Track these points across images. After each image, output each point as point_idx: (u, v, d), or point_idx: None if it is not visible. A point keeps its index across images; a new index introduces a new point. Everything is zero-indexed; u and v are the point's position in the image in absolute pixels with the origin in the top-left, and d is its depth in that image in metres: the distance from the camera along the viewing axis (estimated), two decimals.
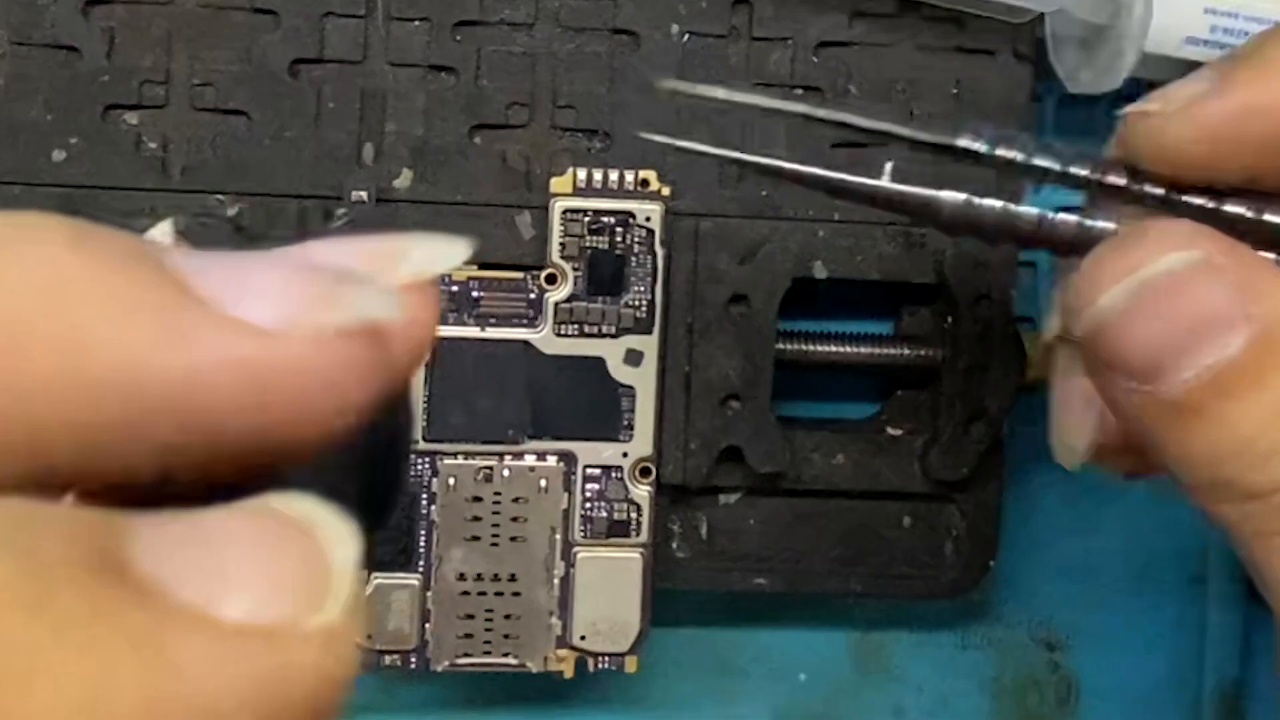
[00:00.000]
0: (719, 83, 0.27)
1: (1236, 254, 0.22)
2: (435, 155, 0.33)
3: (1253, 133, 0.23)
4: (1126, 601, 0.38)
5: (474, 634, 0.33)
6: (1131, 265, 0.22)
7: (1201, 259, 0.22)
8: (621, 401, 0.33)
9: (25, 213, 0.14)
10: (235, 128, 0.32)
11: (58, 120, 0.31)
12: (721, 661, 0.38)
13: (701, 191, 0.33)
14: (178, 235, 0.26)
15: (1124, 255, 0.22)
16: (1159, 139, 0.23)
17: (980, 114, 0.33)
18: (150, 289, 0.13)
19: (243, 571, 0.13)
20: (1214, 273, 0.22)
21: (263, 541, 0.13)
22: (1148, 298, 0.22)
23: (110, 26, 0.31)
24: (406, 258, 0.15)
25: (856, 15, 0.33)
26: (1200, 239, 0.22)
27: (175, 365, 0.13)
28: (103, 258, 0.13)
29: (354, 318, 0.14)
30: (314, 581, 0.13)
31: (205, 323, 0.13)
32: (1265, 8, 0.31)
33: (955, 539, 0.35)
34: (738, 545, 0.35)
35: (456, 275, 0.32)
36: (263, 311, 0.14)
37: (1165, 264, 0.22)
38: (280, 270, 0.14)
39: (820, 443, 0.34)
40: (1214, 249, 0.22)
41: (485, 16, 0.33)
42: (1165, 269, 0.22)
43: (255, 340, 0.14)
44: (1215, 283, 0.22)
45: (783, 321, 0.34)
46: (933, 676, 0.38)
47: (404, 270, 0.15)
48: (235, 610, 0.12)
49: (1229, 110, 0.23)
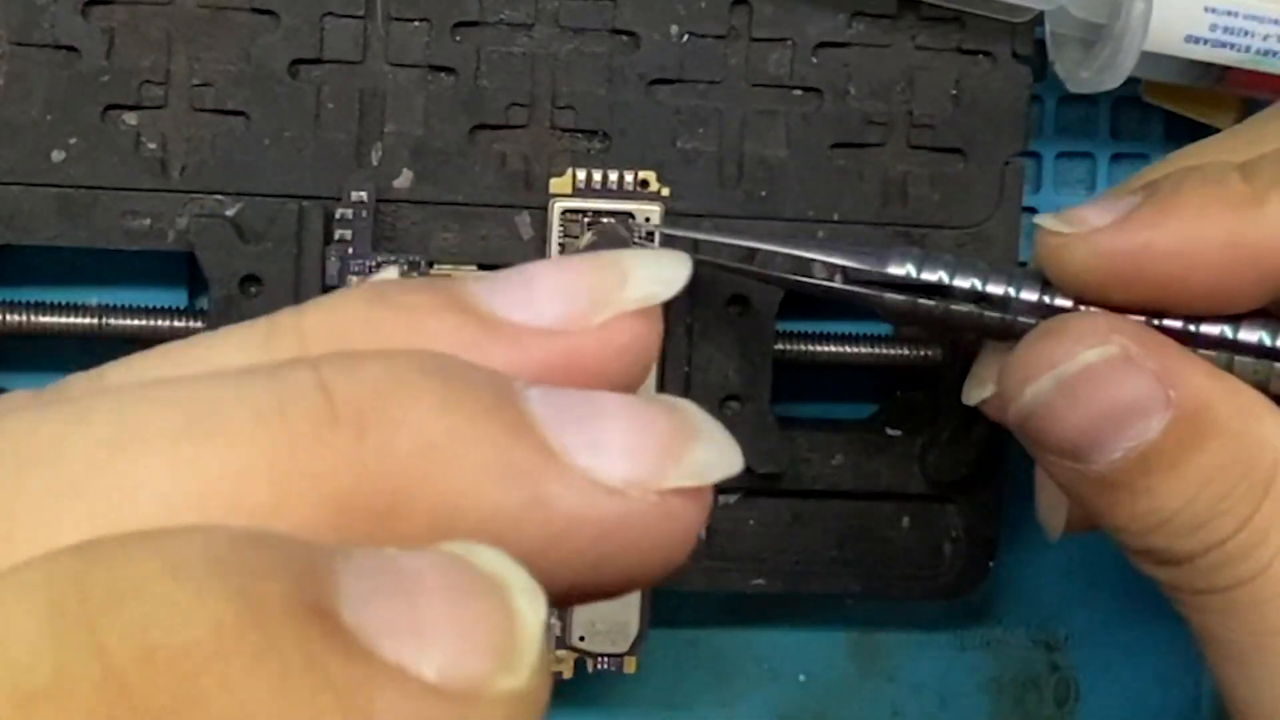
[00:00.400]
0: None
1: (1152, 342, 0.24)
2: (435, 155, 0.33)
3: (1151, 273, 0.24)
4: (1126, 602, 0.38)
5: None
6: (1051, 360, 0.24)
7: (1118, 353, 0.23)
8: None
9: (399, 359, 0.14)
10: (235, 128, 0.32)
11: (57, 120, 0.31)
12: (721, 662, 0.38)
13: (701, 192, 0.33)
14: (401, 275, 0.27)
15: (1044, 351, 0.24)
16: (1063, 262, 0.25)
17: (980, 114, 0.34)
18: (515, 450, 0.14)
19: (439, 627, 0.13)
20: (1130, 364, 0.23)
21: (457, 595, 0.13)
22: (1068, 391, 0.23)
23: (110, 26, 0.31)
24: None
25: (856, 15, 0.33)
26: (1116, 332, 0.24)
27: (536, 527, 0.14)
28: (470, 418, 0.14)
29: (694, 479, 0.15)
30: (506, 641, 0.13)
31: (565, 486, 0.14)
32: (1265, 6, 0.31)
33: (954, 539, 0.35)
34: (737, 546, 0.35)
35: (456, 276, 0.32)
36: (614, 469, 0.14)
37: (1083, 359, 0.23)
38: (631, 421, 0.15)
39: (819, 443, 0.34)
40: (1130, 340, 0.23)
41: (485, 17, 0.33)
42: (1083, 364, 0.23)
43: (607, 501, 0.14)
44: (1132, 373, 0.23)
45: (782, 322, 0.34)
46: (932, 677, 0.38)
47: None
48: (431, 669, 0.12)
49: (1128, 248, 0.24)
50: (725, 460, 0.15)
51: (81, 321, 0.32)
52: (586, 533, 0.14)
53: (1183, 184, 0.24)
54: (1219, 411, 0.23)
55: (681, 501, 0.15)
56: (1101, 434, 0.23)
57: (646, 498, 0.14)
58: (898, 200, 0.34)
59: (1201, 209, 0.24)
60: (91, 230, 0.32)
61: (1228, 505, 0.23)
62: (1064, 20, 0.32)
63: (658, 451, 0.14)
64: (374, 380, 0.14)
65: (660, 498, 0.14)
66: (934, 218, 0.34)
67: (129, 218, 0.32)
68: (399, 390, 0.14)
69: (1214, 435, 0.23)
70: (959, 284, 0.27)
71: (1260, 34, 0.31)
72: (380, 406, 0.14)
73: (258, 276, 0.31)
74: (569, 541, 0.14)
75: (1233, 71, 0.32)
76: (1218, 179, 0.24)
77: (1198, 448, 0.23)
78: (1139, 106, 0.36)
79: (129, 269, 0.33)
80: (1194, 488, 0.23)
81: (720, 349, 0.33)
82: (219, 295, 0.31)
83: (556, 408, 0.14)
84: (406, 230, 0.32)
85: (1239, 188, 0.24)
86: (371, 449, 0.13)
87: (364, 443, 0.13)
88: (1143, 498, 0.23)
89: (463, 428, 0.14)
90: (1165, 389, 0.23)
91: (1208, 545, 0.23)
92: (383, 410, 0.14)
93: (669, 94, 0.33)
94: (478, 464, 0.14)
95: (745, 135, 0.33)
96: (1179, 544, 0.23)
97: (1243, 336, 0.25)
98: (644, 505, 0.14)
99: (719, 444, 0.15)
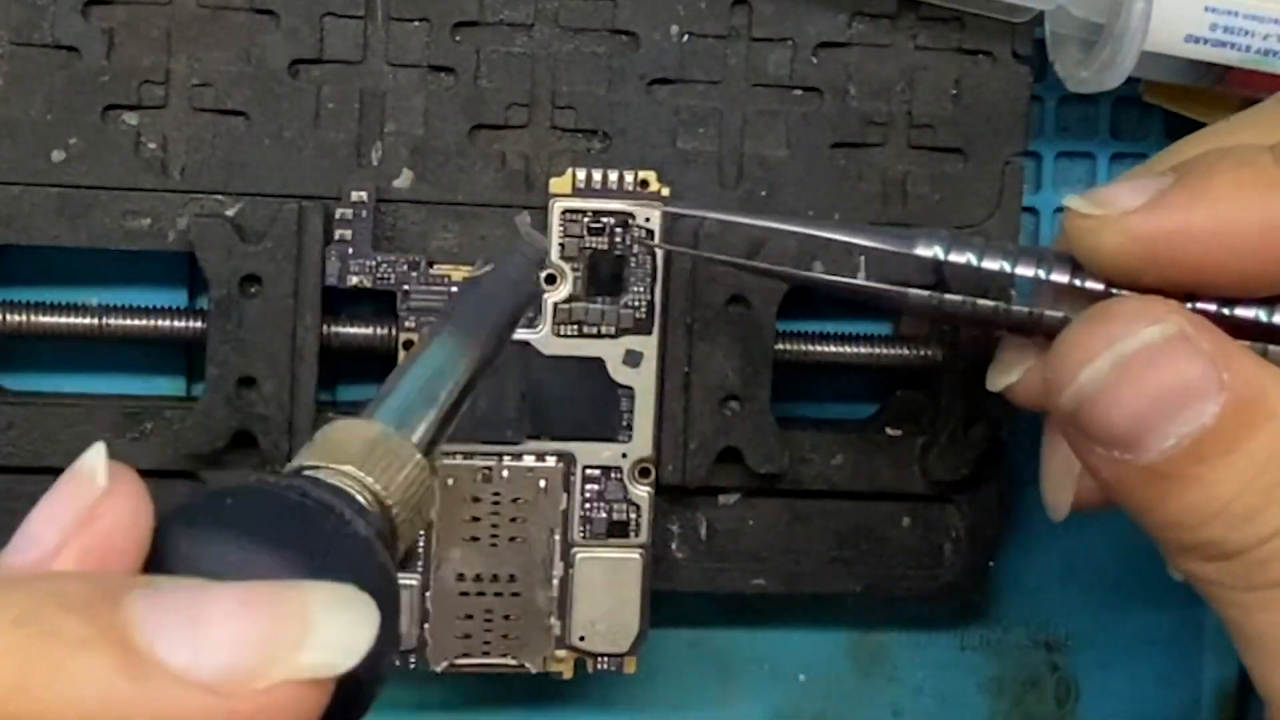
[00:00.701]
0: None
1: (1203, 324, 0.23)
2: (435, 155, 0.33)
3: (1185, 255, 0.23)
4: (1126, 602, 0.38)
5: (473, 634, 0.33)
6: (1110, 339, 0.23)
7: (1176, 331, 0.23)
8: (621, 402, 0.33)
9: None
10: (235, 128, 0.32)
11: (57, 120, 0.31)
12: (721, 662, 0.38)
13: (701, 192, 0.33)
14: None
15: (1101, 330, 0.23)
16: (1094, 244, 0.24)
17: (980, 114, 0.34)
18: (103, 669, 0.15)
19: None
20: (1189, 344, 0.23)
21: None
22: (1129, 370, 0.23)
23: (110, 26, 0.31)
24: (307, 640, 0.15)
25: (856, 15, 0.33)
26: (1173, 312, 0.23)
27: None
28: (56, 637, 0.15)
29: (294, 674, 0.15)
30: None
31: (156, 692, 0.14)
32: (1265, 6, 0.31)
33: (954, 539, 0.35)
34: (737, 546, 0.35)
35: (456, 276, 0.32)
36: (215, 664, 0.14)
37: (1144, 337, 0.23)
38: (231, 618, 0.15)
39: (819, 443, 0.34)
40: (1185, 320, 0.23)
41: (485, 17, 0.33)
42: (1144, 342, 0.23)
43: (197, 700, 0.15)
44: (1191, 354, 0.23)
45: (782, 322, 0.34)
46: (932, 677, 0.38)
47: (303, 661, 0.15)
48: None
49: (1162, 230, 0.24)
50: (325, 661, 0.15)
51: (81, 321, 0.32)
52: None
53: (1216, 166, 0.24)
54: (1271, 396, 0.23)
55: (285, 692, 0.15)
56: (1156, 419, 0.23)
57: (246, 694, 0.15)
58: (898, 200, 0.34)
59: (1236, 190, 0.23)
60: (91, 230, 0.32)
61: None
62: (1064, 20, 0.32)
63: (258, 648, 0.15)
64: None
65: (262, 692, 0.15)
66: (934, 218, 0.34)
67: (129, 218, 0.32)
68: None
69: (1268, 419, 0.22)
70: (988, 266, 0.26)
71: (1260, 34, 0.31)
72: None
73: (258, 276, 0.31)
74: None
75: (1233, 71, 0.32)
76: (1251, 160, 0.24)
77: (1252, 434, 0.22)
78: (1139, 106, 0.36)
79: (129, 269, 0.33)
80: (1248, 475, 0.22)
81: (720, 349, 0.33)
82: (219, 295, 0.31)
83: (155, 605, 0.15)
84: (406, 230, 0.33)
85: (1273, 170, 0.23)
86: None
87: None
88: (1195, 487, 0.23)
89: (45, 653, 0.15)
90: (1219, 371, 0.22)
91: (1262, 536, 0.22)
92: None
93: (669, 94, 0.33)
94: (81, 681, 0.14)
95: (745, 135, 0.33)
96: (1231, 535, 0.23)
97: (1277, 320, 0.24)
98: (244, 703, 0.15)
99: (320, 644, 0.15)
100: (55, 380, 0.34)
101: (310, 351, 0.32)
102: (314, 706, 0.15)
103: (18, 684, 0.15)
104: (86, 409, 0.32)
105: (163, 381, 0.35)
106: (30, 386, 0.34)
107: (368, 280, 0.32)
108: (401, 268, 0.32)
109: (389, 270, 0.32)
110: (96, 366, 0.34)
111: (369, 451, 0.19)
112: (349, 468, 0.18)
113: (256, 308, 0.31)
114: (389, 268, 0.32)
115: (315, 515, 0.17)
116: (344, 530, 0.17)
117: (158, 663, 0.15)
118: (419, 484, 0.19)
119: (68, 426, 0.32)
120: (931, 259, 0.27)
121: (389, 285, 0.32)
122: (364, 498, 0.18)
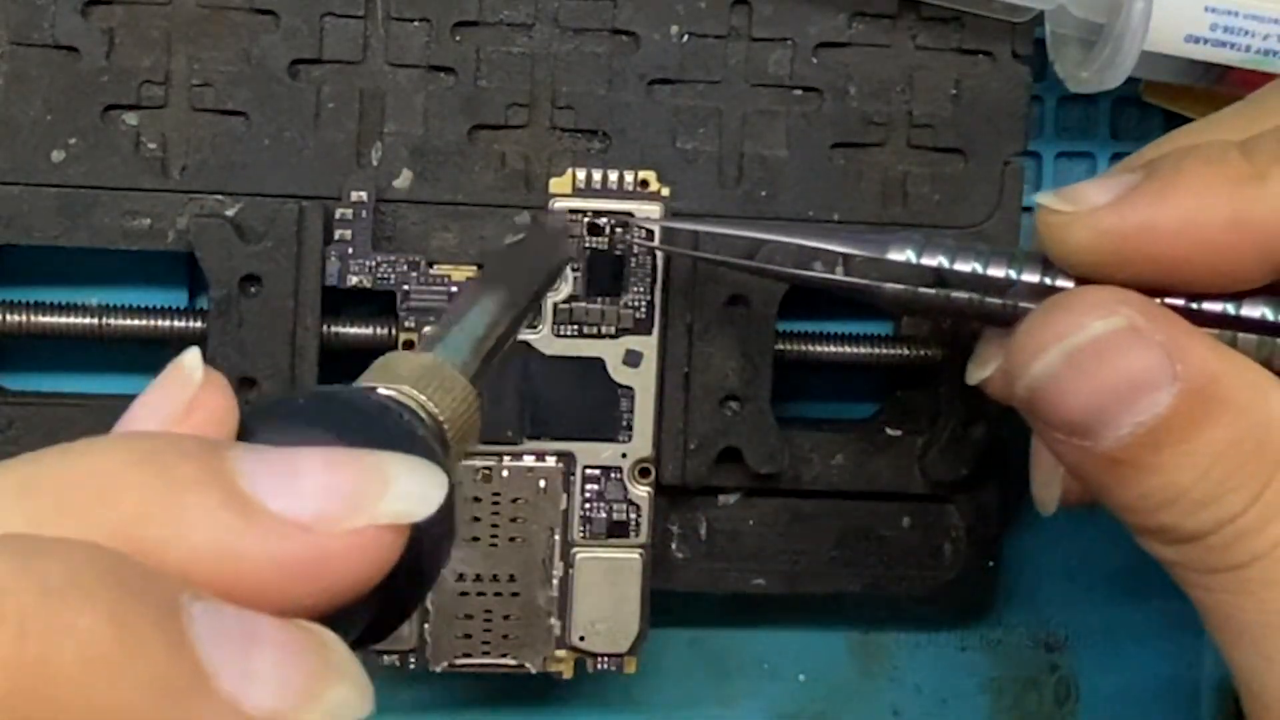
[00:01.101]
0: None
1: (1158, 316, 0.23)
2: (435, 155, 0.33)
3: (1153, 251, 0.24)
4: (1126, 601, 0.38)
5: (473, 634, 0.33)
6: (1060, 333, 0.23)
7: (1125, 324, 0.23)
8: (621, 402, 0.33)
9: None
10: (235, 128, 0.32)
11: (57, 120, 0.31)
12: (721, 662, 0.38)
13: (701, 192, 0.33)
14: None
15: (1052, 324, 0.24)
16: (1063, 240, 0.25)
17: (980, 114, 0.34)
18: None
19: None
20: (1138, 336, 0.23)
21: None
22: (1077, 363, 0.23)
23: (110, 26, 0.31)
24: (387, 492, 0.17)
25: (856, 15, 0.33)
26: (1123, 304, 0.23)
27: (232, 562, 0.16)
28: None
29: (378, 518, 0.16)
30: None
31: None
32: (1265, 6, 0.31)
33: (954, 539, 0.35)
34: (737, 546, 0.35)
35: (456, 276, 0.32)
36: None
37: (1091, 331, 0.23)
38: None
39: (819, 443, 0.34)
40: (1136, 313, 0.23)
41: (485, 17, 0.33)
42: (1091, 336, 0.23)
43: (295, 537, 0.16)
44: (1141, 346, 0.23)
45: (782, 322, 0.34)
46: (932, 677, 0.38)
47: (384, 509, 0.17)
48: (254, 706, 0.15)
49: (1129, 227, 0.24)
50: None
51: (81, 321, 0.32)
52: (284, 566, 0.16)
53: (1184, 162, 0.24)
54: (1227, 386, 0.23)
55: (366, 536, 0.17)
56: (1109, 409, 0.23)
57: (331, 534, 0.16)
58: (898, 200, 0.34)
59: (1203, 187, 0.23)
60: (91, 230, 0.32)
61: (1238, 481, 0.23)
62: (1064, 20, 0.32)
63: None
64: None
65: (346, 533, 0.16)
66: (934, 218, 0.34)
67: (129, 218, 0.32)
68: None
69: (1223, 410, 0.23)
70: (960, 268, 0.27)
71: (1260, 34, 0.31)
72: (48, 608, 0.14)
73: (258, 276, 0.31)
74: (272, 573, 0.16)
75: (1233, 71, 0.32)
76: (1219, 157, 0.24)
77: (1207, 423, 0.23)
78: (1139, 106, 0.36)
79: (129, 269, 0.33)
80: (1204, 463, 0.23)
81: (720, 349, 0.33)
82: (219, 295, 0.31)
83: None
84: (406, 230, 0.33)
85: (1240, 166, 0.23)
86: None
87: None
88: (1151, 474, 0.23)
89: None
90: (1173, 362, 0.23)
91: (1219, 522, 0.23)
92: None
93: (669, 94, 0.33)
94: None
95: (745, 135, 0.33)
96: (1189, 521, 0.23)
97: (1245, 313, 0.24)
98: (330, 541, 0.16)
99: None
100: (55, 380, 0.34)
101: (310, 351, 0.32)
102: (393, 549, 0.17)
103: (141, 514, 0.16)
104: (86, 409, 0.32)
105: None
106: (30, 386, 0.34)
107: (367, 280, 0.32)
108: (401, 268, 0.32)
109: (389, 270, 0.32)
110: (96, 366, 0.34)
111: (422, 374, 0.20)
112: (405, 386, 0.20)
113: (256, 308, 0.31)
114: (389, 268, 0.32)
115: (379, 413, 0.19)
116: (405, 428, 0.19)
117: (261, 505, 0.16)
118: (468, 407, 0.20)
119: (68, 426, 0.32)
120: (904, 262, 0.27)
121: (389, 285, 0.32)
122: (421, 412, 0.20)
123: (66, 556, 0.15)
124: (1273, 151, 0.23)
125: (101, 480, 0.16)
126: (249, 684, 0.15)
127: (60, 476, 0.16)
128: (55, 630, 0.14)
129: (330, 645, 0.16)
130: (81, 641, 0.14)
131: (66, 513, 0.16)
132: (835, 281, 0.29)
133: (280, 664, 0.16)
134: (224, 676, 0.15)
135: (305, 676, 0.16)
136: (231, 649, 0.15)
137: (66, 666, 0.14)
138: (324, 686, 0.16)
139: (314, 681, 0.16)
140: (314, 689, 0.16)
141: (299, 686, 0.16)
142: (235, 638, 0.15)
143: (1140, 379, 0.23)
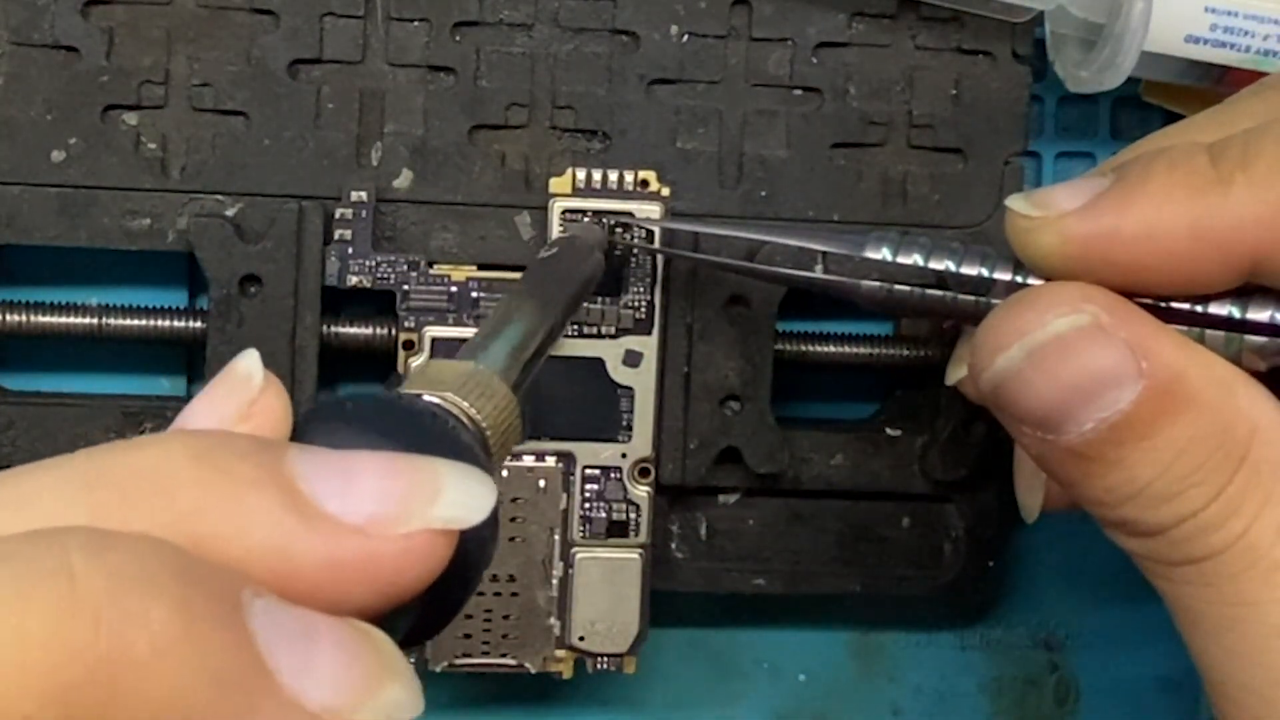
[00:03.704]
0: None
1: (1124, 312, 0.23)
2: (435, 155, 0.33)
3: (1117, 257, 0.24)
4: (1126, 601, 0.38)
5: (473, 634, 0.33)
6: (1020, 329, 0.24)
7: (1088, 322, 0.23)
8: (620, 402, 0.33)
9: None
10: (235, 128, 0.32)
11: (57, 120, 0.31)
12: (721, 662, 0.38)
13: (701, 192, 0.33)
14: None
15: (1014, 319, 0.24)
16: (1031, 244, 0.25)
17: (980, 114, 0.34)
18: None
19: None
20: (1102, 333, 0.23)
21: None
22: (1038, 360, 0.23)
23: (110, 26, 0.31)
24: (439, 498, 0.17)
25: (856, 15, 0.33)
26: (1088, 301, 0.23)
27: (287, 563, 0.16)
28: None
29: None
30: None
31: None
32: (1265, 6, 0.31)
33: (954, 539, 0.35)
34: (737, 546, 0.35)
35: (456, 276, 0.32)
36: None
37: (1053, 328, 0.23)
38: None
39: (819, 443, 0.34)
40: (1102, 310, 0.23)
41: (485, 17, 0.33)
42: (1053, 333, 0.23)
43: (350, 539, 0.16)
44: (1104, 343, 0.23)
45: (782, 322, 0.34)
46: (932, 677, 0.38)
47: (436, 514, 0.17)
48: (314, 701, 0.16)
49: (1094, 233, 0.24)
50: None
51: (81, 321, 0.32)
52: (335, 567, 0.16)
53: (1150, 167, 0.24)
54: (1192, 383, 0.23)
55: (417, 540, 0.17)
56: (1072, 404, 0.23)
57: (384, 538, 0.17)
58: (898, 200, 0.34)
59: (1167, 193, 0.23)
60: (91, 230, 0.32)
61: (1201, 476, 0.23)
62: (1064, 20, 0.32)
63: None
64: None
65: (397, 537, 0.17)
66: (934, 218, 0.34)
67: (129, 218, 0.32)
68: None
69: (1187, 407, 0.23)
70: (934, 266, 0.27)
71: (1260, 34, 0.31)
72: (121, 599, 0.14)
73: (258, 276, 0.31)
74: (325, 572, 0.16)
75: (1233, 71, 0.32)
76: (1185, 162, 0.24)
77: (1171, 419, 0.23)
78: (1139, 106, 0.36)
79: (129, 269, 0.33)
80: (1167, 459, 0.23)
81: (720, 349, 0.33)
82: (219, 295, 0.31)
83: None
84: (406, 230, 0.33)
85: (1205, 171, 0.23)
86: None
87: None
88: (1115, 469, 0.23)
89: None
90: (1137, 359, 0.23)
91: (1181, 516, 0.23)
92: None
93: (669, 94, 0.33)
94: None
95: (745, 135, 0.33)
96: (1151, 515, 0.23)
97: (1214, 310, 0.24)
98: (383, 545, 0.17)
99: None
100: (55, 380, 0.34)
101: (310, 351, 0.32)
102: (444, 553, 0.17)
103: (201, 510, 0.16)
104: (86, 409, 0.32)
105: (163, 381, 0.35)
106: (30, 386, 0.34)
107: (367, 280, 0.32)
108: (401, 268, 0.32)
109: (389, 270, 0.32)
110: (96, 366, 0.34)
111: (465, 382, 0.20)
112: (448, 394, 0.20)
113: (256, 308, 0.31)
114: (389, 268, 0.32)
115: (425, 418, 0.19)
116: (451, 434, 0.19)
117: (318, 507, 0.16)
118: (509, 414, 0.21)
119: (68, 426, 0.32)
120: (880, 260, 0.27)
121: (389, 285, 0.32)
122: (464, 419, 0.20)
123: (136, 549, 0.15)
124: (1239, 156, 0.23)
125: (163, 476, 0.16)
126: (308, 680, 0.15)
127: (123, 471, 0.16)
128: (128, 621, 0.14)
129: (383, 645, 0.16)
130: (154, 633, 0.14)
131: (129, 507, 0.16)
132: (813, 280, 0.29)
133: (338, 662, 0.16)
134: (285, 672, 0.15)
135: (362, 675, 0.16)
136: (291, 645, 0.15)
137: (139, 657, 0.14)
138: (379, 685, 0.16)
139: (370, 680, 0.16)
140: (370, 687, 0.16)
141: (356, 684, 0.16)
142: (295, 634, 0.16)
143: (1103, 375, 0.23)
